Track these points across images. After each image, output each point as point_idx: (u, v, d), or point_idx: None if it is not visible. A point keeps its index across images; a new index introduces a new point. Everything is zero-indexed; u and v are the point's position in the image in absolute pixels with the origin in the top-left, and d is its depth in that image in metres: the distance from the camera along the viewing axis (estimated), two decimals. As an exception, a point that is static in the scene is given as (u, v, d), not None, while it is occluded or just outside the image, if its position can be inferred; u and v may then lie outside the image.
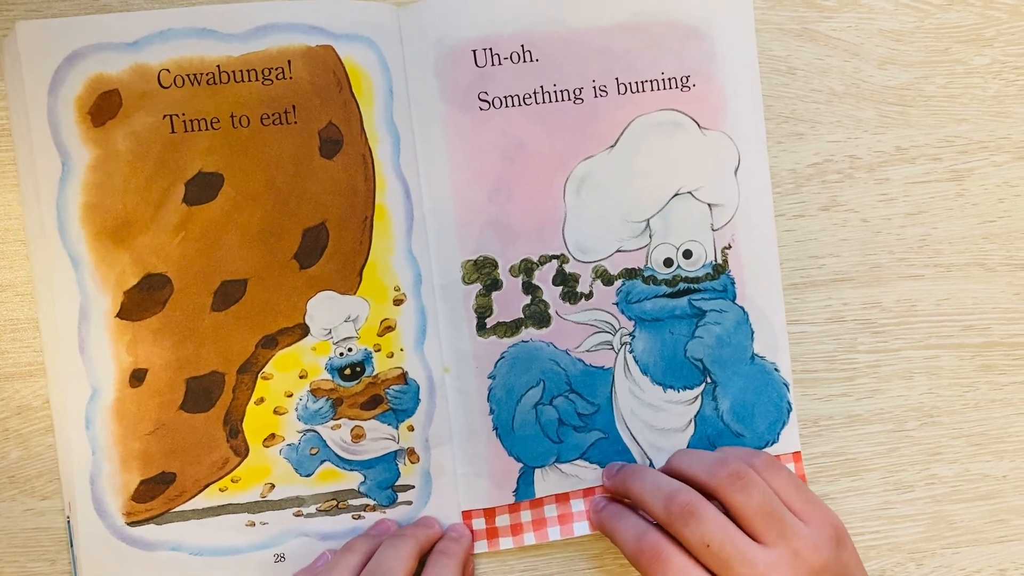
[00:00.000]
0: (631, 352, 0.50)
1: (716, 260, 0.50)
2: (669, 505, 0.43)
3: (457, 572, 0.45)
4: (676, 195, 0.50)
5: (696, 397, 0.50)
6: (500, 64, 0.49)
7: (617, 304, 0.50)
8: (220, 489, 0.47)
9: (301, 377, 0.48)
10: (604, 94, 0.49)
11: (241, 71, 0.47)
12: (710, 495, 0.44)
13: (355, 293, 0.48)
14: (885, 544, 0.52)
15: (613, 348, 0.50)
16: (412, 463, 0.49)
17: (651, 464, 0.50)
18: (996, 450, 0.53)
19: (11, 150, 0.47)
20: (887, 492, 0.52)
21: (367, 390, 0.48)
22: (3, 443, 0.47)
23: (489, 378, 0.49)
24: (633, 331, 0.50)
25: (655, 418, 0.50)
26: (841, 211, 0.52)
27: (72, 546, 0.47)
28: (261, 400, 0.47)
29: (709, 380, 0.50)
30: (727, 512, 0.43)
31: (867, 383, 0.52)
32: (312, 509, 0.48)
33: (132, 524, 0.47)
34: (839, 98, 0.52)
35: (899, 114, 0.52)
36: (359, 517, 0.48)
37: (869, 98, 0.52)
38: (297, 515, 0.48)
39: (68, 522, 0.47)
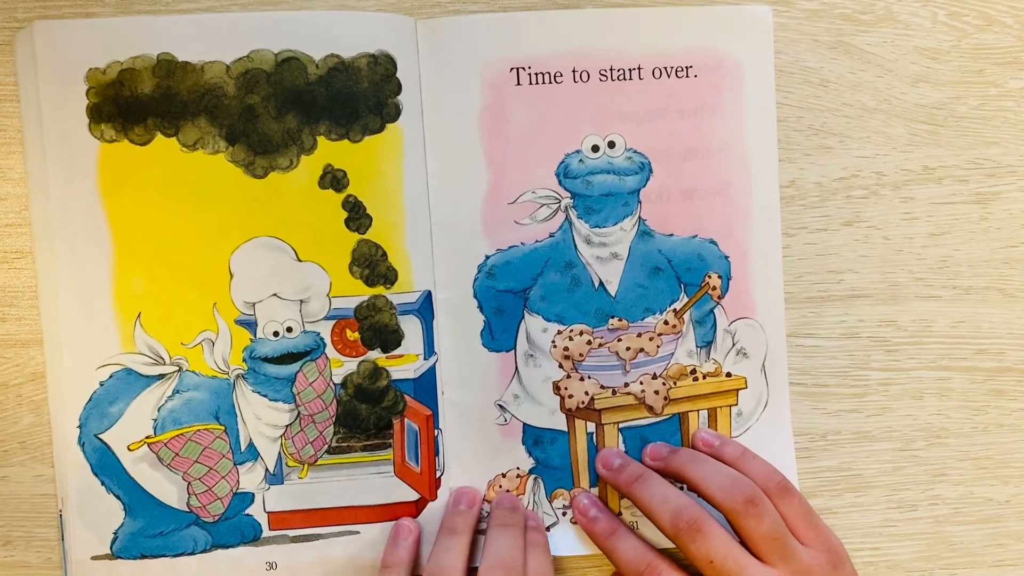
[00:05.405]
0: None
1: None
2: (676, 520, 0.45)
3: (521, 541, 0.47)
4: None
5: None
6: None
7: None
8: None
9: None
10: None
11: None
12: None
13: None
14: (883, 562, 0.52)
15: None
16: None
17: None
18: (1001, 475, 0.53)
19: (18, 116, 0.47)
20: (890, 510, 0.52)
21: None
22: (16, 409, 0.47)
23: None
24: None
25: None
26: (864, 227, 0.52)
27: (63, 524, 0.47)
28: None
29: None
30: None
31: (877, 400, 0.52)
32: None
33: None
34: (870, 113, 0.51)
35: (929, 133, 0.52)
36: None
37: (900, 115, 0.52)
38: None
39: (60, 516, 0.47)
